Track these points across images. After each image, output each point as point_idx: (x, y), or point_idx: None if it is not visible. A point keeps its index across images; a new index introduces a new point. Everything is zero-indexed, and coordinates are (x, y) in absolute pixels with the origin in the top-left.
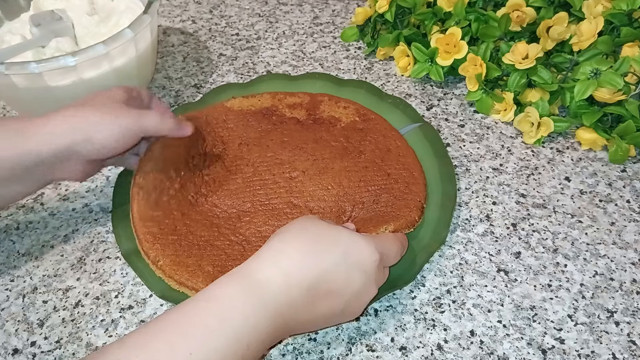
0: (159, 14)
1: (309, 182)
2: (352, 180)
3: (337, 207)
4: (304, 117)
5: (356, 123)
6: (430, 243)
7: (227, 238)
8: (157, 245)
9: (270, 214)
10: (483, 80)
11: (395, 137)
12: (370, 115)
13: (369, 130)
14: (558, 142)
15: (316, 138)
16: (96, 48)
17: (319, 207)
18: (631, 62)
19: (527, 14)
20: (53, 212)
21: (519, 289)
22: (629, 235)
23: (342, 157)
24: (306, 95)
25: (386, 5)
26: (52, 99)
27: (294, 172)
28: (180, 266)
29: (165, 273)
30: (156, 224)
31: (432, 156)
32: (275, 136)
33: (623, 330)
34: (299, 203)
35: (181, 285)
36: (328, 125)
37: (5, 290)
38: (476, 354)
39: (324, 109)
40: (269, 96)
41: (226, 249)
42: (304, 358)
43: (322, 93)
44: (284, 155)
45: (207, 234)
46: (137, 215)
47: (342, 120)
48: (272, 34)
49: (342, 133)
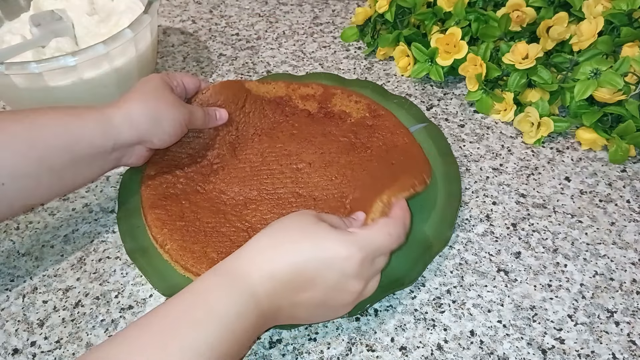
0: (159, 14)
1: (315, 174)
2: (355, 171)
3: (339, 192)
4: (315, 109)
5: (366, 119)
6: (434, 243)
7: (233, 225)
8: (165, 230)
9: (276, 202)
10: (483, 80)
11: (403, 134)
12: (380, 111)
13: (378, 127)
14: (558, 142)
15: (325, 132)
16: (96, 48)
17: (322, 195)
18: (631, 62)
19: (527, 14)
20: (53, 212)
21: (519, 289)
22: (629, 235)
23: (349, 152)
24: (319, 86)
25: (386, 5)
26: (52, 99)
27: (301, 163)
28: (186, 251)
29: (171, 257)
30: (165, 211)
31: (437, 155)
32: (285, 128)
33: (623, 330)
34: (303, 193)
35: (186, 271)
36: (338, 120)
37: (5, 290)
38: (476, 354)
39: (335, 102)
40: (284, 85)
41: (231, 236)
42: (304, 358)
43: (336, 86)
44: (292, 147)
45: (213, 220)
46: (147, 203)
47: (352, 116)
48: (272, 34)
49: (350, 129)
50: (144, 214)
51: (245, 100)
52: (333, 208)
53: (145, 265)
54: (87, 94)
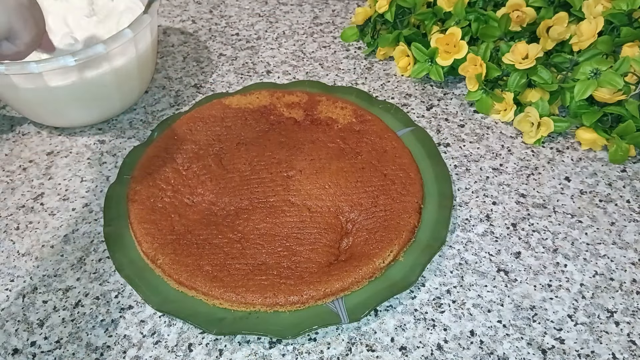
0: (159, 14)
1: (306, 181)
2: (349, 181)
3: (335, 206)
4: (301, 117)
5: (353, 124)
6: (431, 244)
7: (226, 236)
8: (156, 244)
9: (268, 211)
10: (483, 80)
11: (391, 138)
12: (367, 116)
13: (366, 131)
14: (558, 142)
15: (313, 139)
16: (96, 48)
17: (317, 206)
18: (631, 62)
19: (527, 14)
20: (53, 212)
21: (519, 289)
22: (629, 235)
23: (339, 158)
24: (304, 94)
25: (386, 5)
26: (52, 99)
27: (291, 170)
28: (179, 265)
29: (164, 272)
30: (154, 225)
31: (426, 158)
32: (272, 136)
33: (623, 330)
34: (296, 201)
35: (180, 285)
36: (325, 127)
37: (5, 290)
38: (476, 354)
39: (321, 109)
40: (267, 94)
41: (225, 247)
42: (304, 358)
43: (320, 92)
44: (281, 154)
45: (205, 232)
46: (135, 218)
47: (339, 122)
48: (272, 34)
49: (338, 135)
50: (133, 230)
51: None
52: (331, 225)
53: (137, 280)
54: (87, 94)
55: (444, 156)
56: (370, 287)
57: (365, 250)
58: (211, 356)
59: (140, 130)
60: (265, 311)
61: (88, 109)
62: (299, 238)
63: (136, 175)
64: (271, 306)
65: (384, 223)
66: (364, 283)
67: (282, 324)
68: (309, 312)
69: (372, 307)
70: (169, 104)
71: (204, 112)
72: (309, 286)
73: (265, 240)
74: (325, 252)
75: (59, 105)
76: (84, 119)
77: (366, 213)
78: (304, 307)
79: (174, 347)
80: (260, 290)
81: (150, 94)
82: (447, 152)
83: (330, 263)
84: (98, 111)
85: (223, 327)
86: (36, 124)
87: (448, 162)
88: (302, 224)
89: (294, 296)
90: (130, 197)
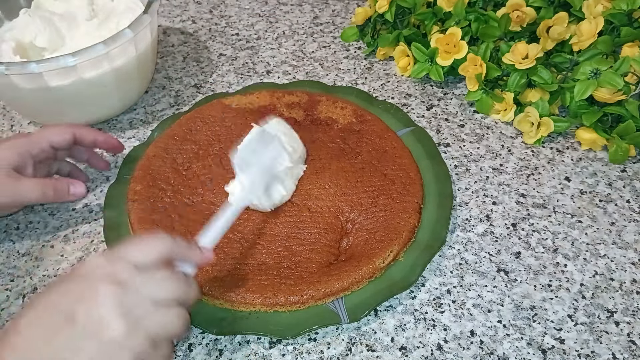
0: (159, 14)
1: (306, 181)
2: (349, 181)
3: (335, 206)
4: (302, 117)
5: (353, 124)
6: (431, 244)
7: (225, 236)
8: None
9: (268, 212)
10: (483, 80)
11: (391, 138)
12: (367, 116)
13: (365, 131)
14: (558, 142)
15: (313, 139)
16: (96, 48)
17: (317, 206)
18: (631, 62)
19: (527, 14)
20: (53, 212)
21: (519, 289)
22: (629, 235)
23: (339, 158)
24: (304, 94)
25: (386, 5)
26: (52, 99)
27: None
28: None
29: None
30: (155, 226)
31: (426, 158)
32: None
33: (623, 330)
34: (296, 201)
35: None
36: (325, 127)
37: (5, 290)
38: (476, 354)
39: (321, 109)
40: (267, 94)
41: (224, 247)
42: (304, 358)
43: (320, 93)
44: None
45: None
46: (135, 218)
47: (339, 122)
48: (272, 34)
49: (338, 134)
50: (133, 230)
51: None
52: (331, 225)
53: None
54: (87, 94)
55: (444, 156)
56: (370, 287)
57: (365, 250)
58: (211, 356)
59: (140, 130)
60: (265, 311)
61: (88, 109)
62: (299, 238)
63: (136, 176)
64: (271, 306)
65: (384, 223)
66: (364, 283)
67: (282, 324)
68: (309, 312)
69: (372, 307)
70: (169, 104)
71: (204, 112)
72: (309, 286)
73: (265, 240)
74: (325, 252)
75: (59, 105)
76: (84, 118)
77: (366, 213)
78: (304, 307)
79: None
80: (260, 290)
81: (150, 94)
82: (447, 152)
83: (330, 263)
84: (98, 111)
85: (223, 327)
86: (36, 124)
87: (448, 162)
88: (302, 224)
89: (294, 296)
90: (130, 197)
